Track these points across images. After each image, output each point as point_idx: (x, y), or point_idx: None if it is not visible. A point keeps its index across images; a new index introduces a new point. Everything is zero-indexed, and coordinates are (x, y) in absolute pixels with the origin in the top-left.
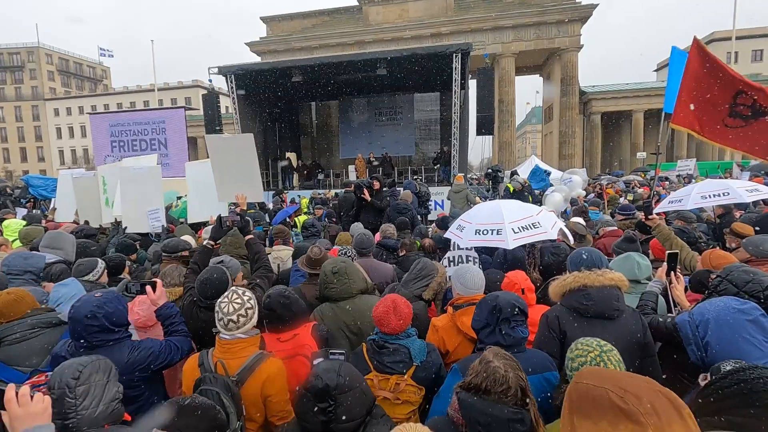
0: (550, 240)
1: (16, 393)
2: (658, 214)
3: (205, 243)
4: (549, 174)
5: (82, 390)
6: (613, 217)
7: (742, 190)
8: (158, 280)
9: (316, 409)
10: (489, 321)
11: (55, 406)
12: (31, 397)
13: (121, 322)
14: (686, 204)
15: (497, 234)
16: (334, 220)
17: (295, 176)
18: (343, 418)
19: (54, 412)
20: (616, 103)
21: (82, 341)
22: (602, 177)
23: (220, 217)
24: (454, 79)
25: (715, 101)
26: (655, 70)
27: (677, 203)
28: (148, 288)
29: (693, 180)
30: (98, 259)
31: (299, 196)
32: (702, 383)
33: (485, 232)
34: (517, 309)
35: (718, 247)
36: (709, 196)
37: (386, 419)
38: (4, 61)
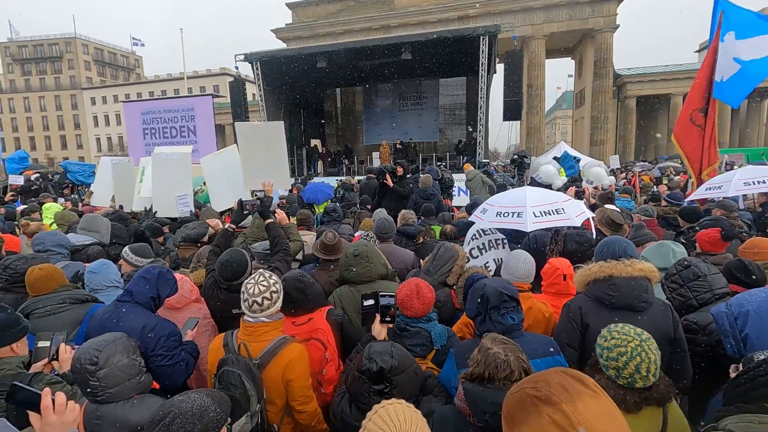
0: (576, 227)
1: (53, 400)
2: (695, 201)
3: (226, 226)
4: (579, 160)
5: (103, 374)
6: (646, 204)
7: None
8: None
9: (371, 391)
10: (479, 310)
11: (82, 386)
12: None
13: (163, 291)
14: (727, 191)
15: (517, 216)
16: (369, 207)
17: (320, 163)
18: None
19: (84, 390)
20: (653, 86)
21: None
22: (636, 164)
23: (241, 201)
24: (481, 62)
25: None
26: (696, 51)
27: (716, 190)
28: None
29: (735, 167)
30: (150, 247)
31: (324, 182)
32: (733, 374)
33: (506, 214)
34: (505, 296)
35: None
36: (753, 183)
37: (441, 398)
38: (44, 51)
